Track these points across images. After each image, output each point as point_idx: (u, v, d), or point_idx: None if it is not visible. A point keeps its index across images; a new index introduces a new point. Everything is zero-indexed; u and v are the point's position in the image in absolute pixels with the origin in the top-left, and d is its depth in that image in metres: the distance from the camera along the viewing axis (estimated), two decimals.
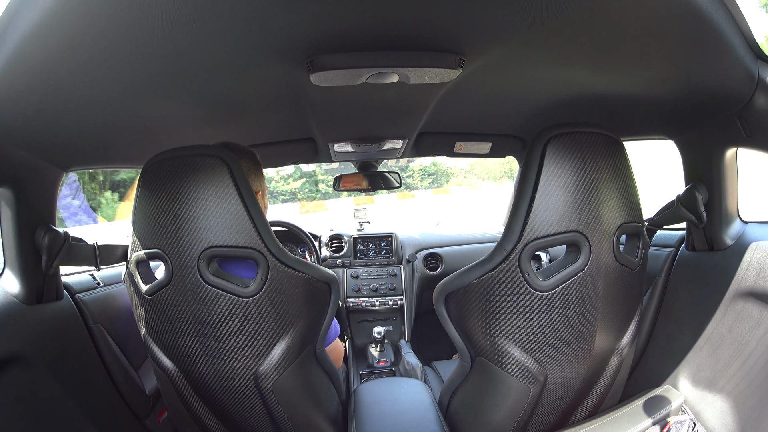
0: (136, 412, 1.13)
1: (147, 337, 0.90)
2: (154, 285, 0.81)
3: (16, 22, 0.51)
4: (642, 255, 0.85)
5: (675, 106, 0.93)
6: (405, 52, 0.70)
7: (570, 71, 0.83)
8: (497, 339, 0.82)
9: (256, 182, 1.00)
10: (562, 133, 0.74)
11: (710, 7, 0.58)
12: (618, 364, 0.91)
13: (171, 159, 0.77)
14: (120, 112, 0.86)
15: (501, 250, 0.77)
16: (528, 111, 1.18)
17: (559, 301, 0.78)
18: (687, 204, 0.97)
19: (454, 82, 0.83)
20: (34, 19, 0.50)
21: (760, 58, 0.71)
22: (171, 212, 0.76)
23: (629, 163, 0.81)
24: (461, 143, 1.49)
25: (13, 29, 0.52)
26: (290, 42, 0.65)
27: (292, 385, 0.87)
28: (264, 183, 1.06)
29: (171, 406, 0.98)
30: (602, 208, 0.76)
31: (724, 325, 0.92)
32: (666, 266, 1.10)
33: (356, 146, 1.42)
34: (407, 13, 0.59)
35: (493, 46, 0.71)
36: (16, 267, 0.90)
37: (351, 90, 0.85)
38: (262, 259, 0.77)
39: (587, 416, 0.95)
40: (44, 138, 0.86)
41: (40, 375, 0.87)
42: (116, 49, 0.60)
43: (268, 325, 0.81)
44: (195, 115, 1.00)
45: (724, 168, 0.93)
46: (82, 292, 1.09)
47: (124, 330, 1.15)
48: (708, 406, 0.93)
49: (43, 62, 0.59)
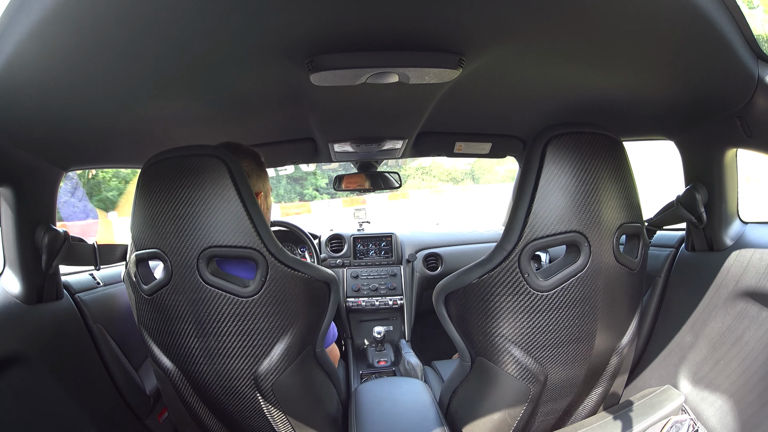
0: (136, 411, 1.13)
1: (146, 337, 0.90)
2: (153, 285, 0.81)
3: (16, 21, 0.51)
4: (642, 255, 0.85)
5: (675, 106, 0.93)
6: (405, 52, 0.70)
7: (570, 71, 0.83)
8: (497, 339, 0.82)
9: (258, 183, 1.00)
10: (562, 134, 0.74)
11: (710, 6, 0.58)
12: (618, 364, 0.91)
13: (170, 159, 0.77)
14: (120, 112, 0.86)
15: (501, 250, 0.77)
16: (528, 111, 1.18)
17: (559, 301, 0.78)
18: (687, 204, 0.97)
19: (454, 82, 0.83)
20: (33, 18, 0.50)
21: (760, 58, 0.71)
22: (170, 212, 0.76)
23: (629, 164, 0.81)
24: (461, 143, 1.49)
25: (12, 29, 0.52)
26: (290, 42, 0.65)
27: (292, 385, 0.87)
28: (268, 184, 1.05)
29: (171, 406, 0.98)
30: (602, 208, 0.76)
31: (724, 325, 0.92)
32: (666, 266, 1.10)
33: (356, 146, 1.42)
34: (407, 13, 0.59)
35: (493, 46, 0.71)
36: (16, 266, 0.90)
37: (351, 90, 0.85)
38: (261, 259, 0.77)
39: (587, 416, 0.95)
40: (44, 138, 0.86)
41: (40, 375, 0.87)
42: (116, 48, 0.60)
43: (268, 325, 0.81)
44: (195, 115, 1.00)
45: (724, 168, 0.93)
46: (82, 291, 1.09)
47: (124, 330, 1.15)
48: (708, 405, 0.93)
49: (43, 62, 0.59)
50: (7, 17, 0.51)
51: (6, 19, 0.52)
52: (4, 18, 0.52)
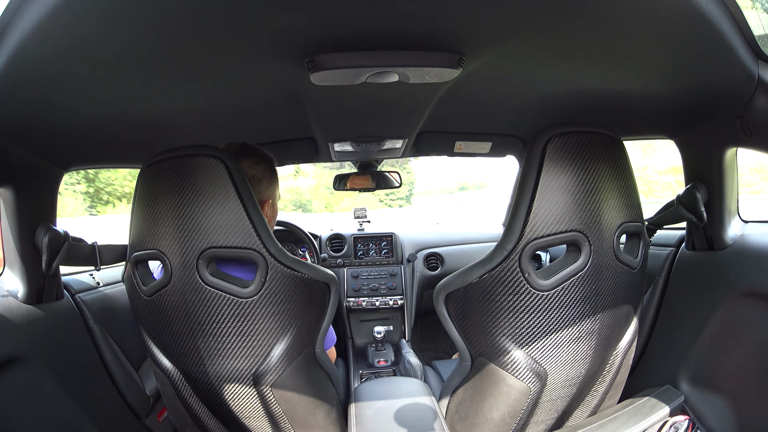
0: (136, 411, 1.13)
1: (146, 338, 0.89)
2: (153, 286, 0.81)
3: (17, 20, 0.51)
4: (642, 254, 0.85)
5: (675, 105, 0.93)
6: (405, 51, 0.70)
7: (570, 70, 0.83)
8: (497, 338, 0.82)
9: (269, 190, 0.97)
10: (562, 133, 0.74)
11: (710, 6, 0.58)
12: (618, 364, 0.91)
13: (170, 159, 0.76)
14: (120, 112, 0.86)
15: (501, 249, 0.77)
16: (528, 110, 1.18)
17: (560, 300, 0.78)
18: (687, 203, 0.97)
19: (454, 81, 0.83)
20: (34, 18, 0.50)
21: (760, 57, 0.71)
22: (169, 212, 0.75)
23: (629, 163, 0.81)
24: (461, 143, 1.49)
25: (13, 28, 0.52)
26: (290, 41, 0.65)
27: (292, 385, 0.87)
28: (277, 191, 1.01)
29: (170, 406, 0.98)
30: (602, 207, 0.75)
31: (725, 324, 0.92)
32: (666, 266, 1.10)
33: (356, 146, 1.42)
34: (407, 12, 0.59)
35: (493, 45, 0.71)
36: (16, 267, 0.90)
37: (351, 89, 0.85)
38: (261, 260, 0.77)
39: (587, 416, 0.95)
40: (44, 137, 0.86)
41: (39, 375, 0.87)
42: (116, 48, 0.60)
43: (268, 325, 0.81)
44: (195, 115, 1.00)
45: (724, 168, 0.93)
46: (82, 291, 1.09)
47: (124, 330, 1.15)
48: (708, 406, 0.93)
49: (44, 62, 0.59)
50: (8, 16, 0.51)
51: (7, 17, 0.52)
52: (6, 17, 0.52)
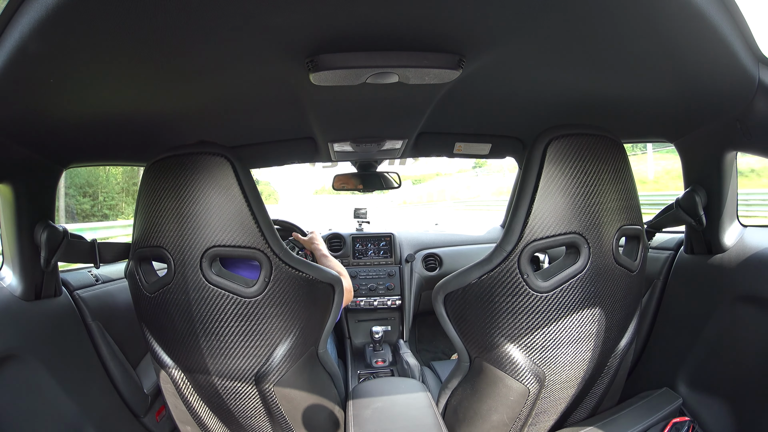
0: (133, 410, 1.13)
1: (148, 335, 0.89)
2: (155, 283, 0.81)
3: (17, 19, 0.51)
4: (641, 257, 0.85)
5: (675, 108, 0.93)
6: (405, 52, 0.70)
7: (570, 73, 0.83)
8: (496, 339, 0.82)
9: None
10: (562, 135, 0.74)
11: (711, 9, 0.58)
12: (617, 366, 0.91)
13: (174, 156, 0.76)
14: (119, 110, 0.86)
15: (500, 251, 0.77)
16: (528, 112, 1.18)
17: (558, 302, 0.78)
18: (686, 207, 0.97)
19: (454, 82, 0.83)
20: (34, 16, 0.50)
21: (760, 61, 0.71)
22: (174, 210, 0.75)
23: (629, 166, 0.81)
24: (461, 144, 1.49)
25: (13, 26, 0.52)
26: (291, 42, 0.65)
27: (294, 386, 0.87)
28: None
29: (171, 404, 0.98)
30: (602, 210, 0.76)
31: (722, 327, 0.92)
32: (665, 269, 1.10)
33: (356, 146, 1.41)
34: (408, 13, 0.59)
35: (493, 47, 0.71)
36: (14, 263, 0.90)
37: (351, 90, 0.85)
38: (265, 260, 0.77)
39: (585, 417, 0.95)
40: (43, 135, 0.86)
41: (37, 371, 0.87)
42: (116, 47, 0.60)
43: (271, 326, 0.80)
44: (194, 113, 1.00)
45: (724, 171, 0.93)
46: (80, 288, 1.08)
47: (122, 327, 1.15)
48: (705, 408, 0.93)
49: (43, 59, 0.59)
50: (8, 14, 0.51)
51: (7, 15, 0.52)
52: (6, 15, 0.52)
